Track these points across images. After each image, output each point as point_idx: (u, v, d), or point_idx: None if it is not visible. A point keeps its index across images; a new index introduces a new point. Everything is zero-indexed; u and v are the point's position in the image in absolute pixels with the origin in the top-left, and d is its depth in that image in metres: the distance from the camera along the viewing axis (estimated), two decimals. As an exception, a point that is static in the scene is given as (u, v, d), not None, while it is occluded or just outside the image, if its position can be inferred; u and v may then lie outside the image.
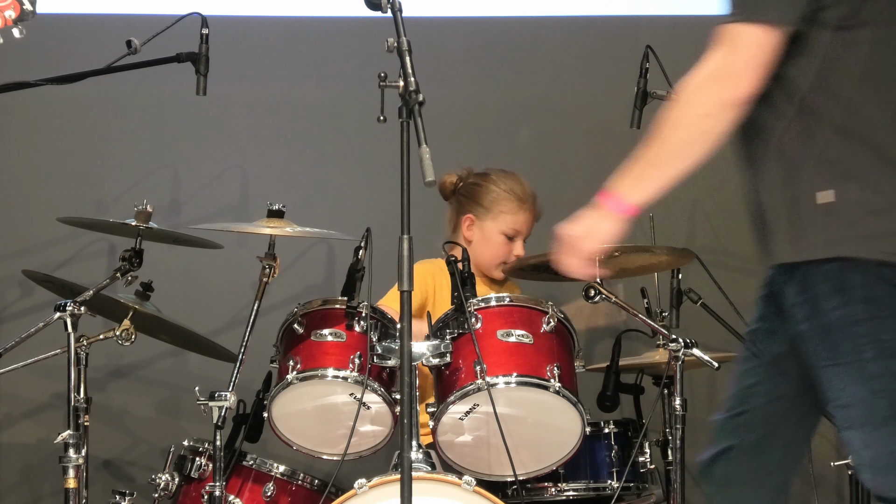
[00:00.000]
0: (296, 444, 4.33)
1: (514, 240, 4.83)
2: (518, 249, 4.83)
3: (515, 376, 4.13)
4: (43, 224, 5.21)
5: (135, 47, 4.43)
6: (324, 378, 4.19)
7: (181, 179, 5.54)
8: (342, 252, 5.21)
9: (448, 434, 4.21)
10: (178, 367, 5.43)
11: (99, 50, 4.66)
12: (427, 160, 3.33)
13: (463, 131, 5.52)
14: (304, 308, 4.29)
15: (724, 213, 5.61)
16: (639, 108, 4.80)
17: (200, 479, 4.43)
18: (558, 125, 5.63)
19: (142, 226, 4.51)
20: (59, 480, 4.26)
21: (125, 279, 4.54)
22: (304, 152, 5.60)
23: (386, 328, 4.23)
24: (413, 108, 3.40)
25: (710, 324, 4.95)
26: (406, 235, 3.42)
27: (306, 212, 4.82)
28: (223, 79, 4.88)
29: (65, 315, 4.30)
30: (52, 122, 5.50)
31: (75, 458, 4.23)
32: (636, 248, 4.75)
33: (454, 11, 5.62)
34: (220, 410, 4.17)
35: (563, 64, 5.63)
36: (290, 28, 5.59)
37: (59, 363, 4.39)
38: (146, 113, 5.54)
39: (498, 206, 4.83)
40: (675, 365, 4.28)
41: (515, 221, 4.83)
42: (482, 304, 4.20)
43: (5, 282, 5.43)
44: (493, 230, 4.83)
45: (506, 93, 5.63)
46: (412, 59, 3.45)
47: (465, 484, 3.99)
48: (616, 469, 4.49)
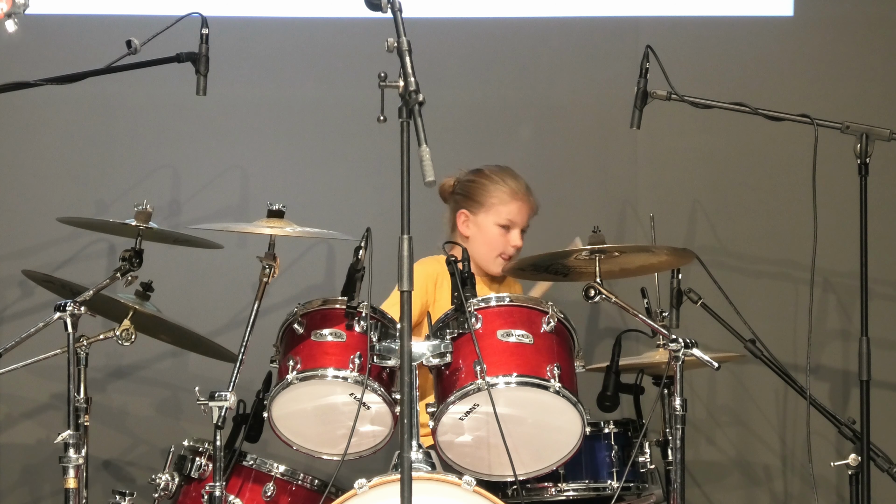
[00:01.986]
0: (296, 444, 4.33)
1: (510, 230, 4.84)
2: (515, 240, 4.83)
3: (515, 376, 4.13)
4: (43, 224, 5.21)
5: (135, 47, 4.43)
6: (324, 378, 4.19)
7: (181, 179, 5.54)
8: (342, 252, 5.21)
9: (448, 434, 4.21)
10: (178, 367, 5.43)
11: (99, 50, 4.67)
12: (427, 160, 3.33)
13: (463, 131, 5.52)
14: (304, 308, 4.28)
15: (724, 213, 5.61)
16: (639, 108, 4.79)
17: (200, 479, 4.43)
18: (558, 125, 5.62)
19: (142, 226, 4.50)
20: (59, 480, 4.26)
21: (125, 279, 4.53)
22: (304, 152, 5.60)
23: (386, 328, 4.23)
24: (413, 108, 3.40)
25: (710, 324, 4.95)
26: (406, 235, 3.42)
27: (306, 212, 4.81)
28: (223, 79, 4.88)
29: (65, 315, 4.30)
30: (52, 122, 5.50)
31: (75, 458, 4.23)
32: (636, 248, 4.75)
33: (454, 11, 5.61)
34: (220, 410, 4.17)
35: (563, 64, 5.63)
36: (290, 28, 5.59)
37: (59, 363, 4.39)
38: (146, 113, 5.53)
39: (490, 198, 4.84)
40: (675, 365, 4.28)
41: (508, 211, 4.83)
42: (482, 304, 4.20)
43: (5, 282, 5.42)
44: (488, 223, 4.84)
45: (506, 93, 5.63)
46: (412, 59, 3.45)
47: (465, 484, 3.99)
48: (616, 469, 4.49)
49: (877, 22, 5.64)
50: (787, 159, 5.48)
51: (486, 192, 4.85)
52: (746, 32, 5.64)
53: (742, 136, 5.54)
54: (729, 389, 5.56)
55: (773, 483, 5.58)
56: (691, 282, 4.95)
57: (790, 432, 5.55)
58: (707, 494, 5.54)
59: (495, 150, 5.06)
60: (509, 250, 4.84)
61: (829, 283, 5.53)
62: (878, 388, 5.13)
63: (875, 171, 4.63)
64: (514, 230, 4.84)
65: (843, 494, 5.36)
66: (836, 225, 5.05)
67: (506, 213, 4.83)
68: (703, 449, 5.56)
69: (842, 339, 5.54)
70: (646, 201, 5.54)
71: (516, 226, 4.84)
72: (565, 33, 5.62)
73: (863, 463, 4.63)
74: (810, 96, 5.48)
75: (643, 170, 5.61)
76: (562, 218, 5.44)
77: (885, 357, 5.41)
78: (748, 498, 5.60)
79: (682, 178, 5.62)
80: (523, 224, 4.86)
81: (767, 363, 4.94)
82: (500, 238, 4.84)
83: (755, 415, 5.57)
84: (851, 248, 4.64)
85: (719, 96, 4.85)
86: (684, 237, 5.55)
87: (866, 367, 4.59)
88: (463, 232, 4.87)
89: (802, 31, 5.64)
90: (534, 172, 5.02)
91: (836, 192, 5.00)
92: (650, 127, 4.90)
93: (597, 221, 4.48)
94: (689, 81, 4.92)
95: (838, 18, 5.64)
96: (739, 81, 5.53)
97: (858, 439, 4.66)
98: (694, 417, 5.47)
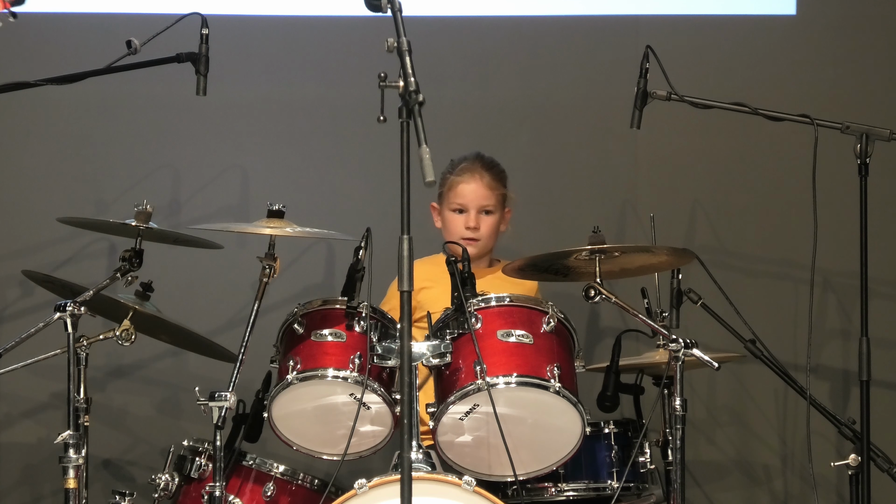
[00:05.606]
0: (296, 444, 4.33)
1: (464, 212, 4.85)
2: (469, 221, 4.85)
3: (515, 376, 4.13)
4: (43, 224, 5.21)
5: (135, 47, 4.43)
6: (324, 378, 4.19)
7: (181, 179, 5.54)
8: (342, 252, 5.21)
9: (448, 434, 4.21)
10: (178, 367, 5.43)
11: (99, 50, 4.66)
12: (427, 160, 3.33)
13: (463, 131, 5.51)
14: (304, 308, 4.29)
15: (724, 213, 5.61)
16: (639, 108, 4.79)
17: (200, 479, 4.43)
18: (558, 125, 5.62)
19: (142, 226, 4.50)
20: (59, 480, 4.26)
21: (125, 279, 4.53)
22: (304, 152, 5.60)
23: (386, 328, 4.23)
24: (413, 108, 3.40)
25: (710, 324, 4.95)
26: (406, 235, 3.42)
27: (306, 212, 4.81)
28: (223, 79, 4.88)
29: (65, 315, 4.30)
30: (53, 121, 5.50)
31: (75, 458, 4.23)
32: (636, 248, 4.75)
33: (454, 11, 5.61)
34: (220, 410, 4.17)
35: (563, 64, 5.63)
36: (290, 28, 5.59)
37: (59, 363, 4.39)
38: (146, 113, 5.53)
39: (446, 186, 4.91)
40: (675, 365, 4.28)
41: (455, 195, 4.88)
42: (482, 305, 4.20)
43: (5, 282, 5.42)
44: (447, 210, 4.89)
45: (506, 93, 5.63)
46: (412, 59, 3.44)
47: (465, 484, 3.99)
48: (616, 469, 4.49)
49: (879, 22, 5.64)
50: (787, 159, 5.48)
51: (444, 182, 4.91)
52: (748, 32, 5.63)
53: (742, 136, 5.54)
54: (729, 389, 5.56)
55: (773, 483, 5.58)
56: (691, 282, 4.95)
57: (790, 432, 5.55)
58: (707, 494, 5.54)
59: (495, 150, 5.06)
60: (465, 233, 4.84)
61: (829, 283, 5.53)
62: (878, 388, 5.13)
63: (875, 171, 4.63)
64: (471, 212, 4.85)
65: (843, 494, 5.36)
66: (836, 225, 5.05)
67: (454, 198, 4.88)
68: (703, 449, 5.56)
69: (842, 339, 5.54)
70: (646, 201, 5.54)
71: (469, 208, 4.85)
72: (565, 33, 5.61)
73: (863, 463, 4.63)
74: (810, 96, 5.48)
75: (643, 170, 5.61)
76: (562, 218, 5.45)
77: (885, 357, 5.41)
78: (748, 498, 5.60)
79: (682, 178, 5.62)
80: (478, 204, 4.86)
81: (767, 363, 4.94)
82: (455, 222, 4.87)
83: (755, 415, 5.57)
84: (851, 248, 4.64)
85: (719, 96, 4.85)
86: (684, 237, 5.55)
87: (866, 367, 4.59)
88: (437, 226, 4.92)
89: (805, 30, 5.63)
90: (534, 172, 5.02)
91: (836, 192, 5.00)
92: (650, 127, 4.90)
93: (597, 221, 4.48)
94: (689, 81, 4.92)
95: (841, 17, 5.63)
96: (739, 81, 5.53)
97: (858, 439, 4.66)
98: (694, 417, 5.47)
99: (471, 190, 4.87)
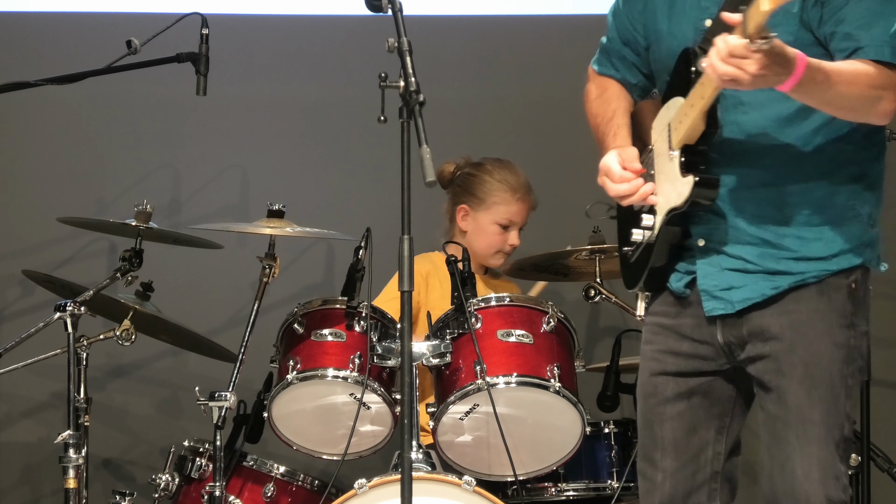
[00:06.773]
0: (296, 445, 4.34)
1: (509, 230, 4.82)
2: (513, 239, 4.82)
3: (515, 376, 4.13)
4: (43, 224, 5.21)
5: (135, 47, 4.43)
6: (324, 378, 4.20)
7: (181, 179, 5.54)
8: (342, 252, 5.21)
9: (448, 434, 4.21)
10: (178, 367, 5.43)
11: (99, 50, 4.66)
12: (427, 160, 3.33)
13: (463, 131, 5.51)
14: (304, 308, 4.29)
15: (724, 213, 5.60)
16: (639, 107, 4.78)
17: (200, 479, 4.43)
18: (559, 124, 5.62)
19: (142, 226, 4.51)
20: (59, 480, 4.27)
21: (125, 279, 4.54)
22: (304, 152, 5.60)
23: (386, 328, 4.23)
24: (413, 109, 3.40)
25: (710, 324, 4.94)
26: (406, 235, 3.41)
27: (306, 212, 4.82)
28: (223, 79, 4.88)
29: (65, 315, 4.30)
30: (52, 121, 5.50)
31: (75, 458, 4.24)
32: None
33: (454, 11, 5.62)
34: (220, 410, 4.18)
35: (563, 64, 5.62)
36: (290, 28, 5.59)
37: (59, 363, 4.39)
38: (146, 113, 5.53)
39: (491, 196, 4.82)
40: (676, 365, 4.26)
41: (508, 212, 4.82)
42: (482, 304, 4.20)
43: (5, 282, 5.43)
44: (487, 220, 4.83)
45: (506, 93, 5.63)
46: (413, 60, 3.44)
47: (465, 484, 3.99)
48: (616, 469, 4.49)
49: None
50: (787, 159, 5.47)
51: (488, 190, 4.83)
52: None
53: (742, 136, 5.53)
54: (729, 389, 5.55)
55: (773, 483, 5.57)
56: (691, 282, 4.93)
57: (790, 432, 5.53)
58: (707, 494, 5.53)
59: (495, 150, 5.05)
60: (507, 249, 4.83)
61: (829, 283, 5.52)
62: (878, 388, 5.13)
63: (875, 171, 4.62)
64: (513, 229, 4.83)
65: (843, 494, 5.35)
66: (836, 225, 5.04)
67: (506, 214, 4.82)
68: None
69: (842, 339, 5.53)
70: (646, 201, 5.52)
71: (515, 225, 4.83)
72: (565, 33, 5.61)
73: (863, 463, 4.63)
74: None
75: (643, 170, 5.60)
76: (562, 218, 5.44)
77: (885, 357, 5.40)
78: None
79: (682, 178, 5.60)
80: (522, 223, 4.85)
81: (767, 363, 4.93)
82: (497, 237, 4.82)
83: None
84: (851, 248, 4.63)
85: (719, 96, 4.84)
86: (684, 237, 5.53)
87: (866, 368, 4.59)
88: (461, 226, 4.86)
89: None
90: (534, 172, 5.01)
91: (836, 192, 4.99)
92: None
93: (597, 221, 4.47)
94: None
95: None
96: (739, 81, 5.52)
97: (858, 439, 4.66)
98: (694, 417, 5.46)
99: (523, 210, 4.84)
